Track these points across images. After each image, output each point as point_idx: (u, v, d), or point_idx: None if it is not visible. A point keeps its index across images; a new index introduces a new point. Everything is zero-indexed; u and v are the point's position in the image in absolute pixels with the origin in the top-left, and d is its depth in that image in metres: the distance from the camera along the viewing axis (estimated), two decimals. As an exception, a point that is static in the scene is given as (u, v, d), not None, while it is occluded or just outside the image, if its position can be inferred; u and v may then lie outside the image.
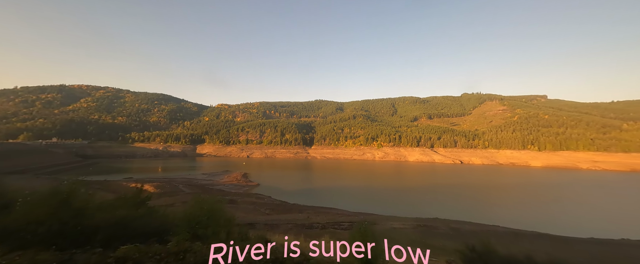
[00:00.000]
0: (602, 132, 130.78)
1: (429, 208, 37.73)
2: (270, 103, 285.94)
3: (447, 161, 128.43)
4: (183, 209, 23.41)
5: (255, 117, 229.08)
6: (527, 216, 33.92)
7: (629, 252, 14.30)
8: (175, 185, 37.91)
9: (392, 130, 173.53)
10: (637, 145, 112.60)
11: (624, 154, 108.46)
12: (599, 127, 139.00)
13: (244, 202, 29.53)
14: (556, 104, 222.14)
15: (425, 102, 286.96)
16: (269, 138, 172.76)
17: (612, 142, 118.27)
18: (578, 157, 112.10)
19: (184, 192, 32.79)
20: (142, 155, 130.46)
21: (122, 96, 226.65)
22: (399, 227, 15.80)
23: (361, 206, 37.27)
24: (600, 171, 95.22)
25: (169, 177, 57.50)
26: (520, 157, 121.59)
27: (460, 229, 16.55)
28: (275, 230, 13.13)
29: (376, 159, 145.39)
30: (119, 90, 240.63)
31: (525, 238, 15.63)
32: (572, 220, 31.92)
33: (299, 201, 39.23)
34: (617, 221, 32.58)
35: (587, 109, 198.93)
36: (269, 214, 24.48)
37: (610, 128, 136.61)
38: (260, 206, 27.82)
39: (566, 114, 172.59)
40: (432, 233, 14.88)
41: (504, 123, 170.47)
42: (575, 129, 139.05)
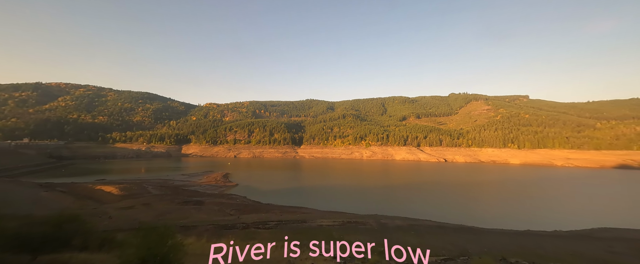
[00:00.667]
0: (576, 131, 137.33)
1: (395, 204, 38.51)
2: (260, 102, 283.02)
3: (432, 160, 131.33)
4: (143, 210, 22.28)
5: (245, 117, 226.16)
6: (482, 211, 35.34)
7: (537, 242, 15.01)
8: (144, 187, 36.77)
9: (381, 129, 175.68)
10: (607, 143, 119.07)
11: (595, 151, 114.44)
12: (575, 126, 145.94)
13: (212, 203, 29.01)
14: (537, 104, 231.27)
15: (414, 102, 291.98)
16: (258, 138, 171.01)
17: (585, 140, 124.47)
18: (554, 154, 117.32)
19: (150, 195, 31.86)
20: (123, 156, 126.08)
21: (104, 95, 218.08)
22: (326, 224, 15.98)
23: (333, 204, 37.51)
24: (573, 167, 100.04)
25: (143, 179, 55.76)
26: (500, 155, 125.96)
27: (387, 224, 16.96)
28: (191, 231, 12.89)
29: (364, 158, 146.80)
30: (101, 88, 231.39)
31: (446, 231, 16.21)
32: (528, 214, 33.44)
33: (275, 201, 39.00)
34: (570, 213, 34.44)
35: (565, 108, 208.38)
36: (232, 214, 24.15)
37: (584, 127, 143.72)
38: (226, 207, 27.40)
39: (545, 114, 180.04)
40: (356, 228, 15.15)
41: (487, 122, 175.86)
42: (552, 128, 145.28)
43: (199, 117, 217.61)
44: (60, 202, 27.00)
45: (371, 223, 16.76)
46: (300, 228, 14.60)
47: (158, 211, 21.97)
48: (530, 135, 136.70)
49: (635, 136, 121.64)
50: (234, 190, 47.65)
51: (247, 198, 39.64)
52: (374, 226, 15.69)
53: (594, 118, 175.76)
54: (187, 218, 19.77)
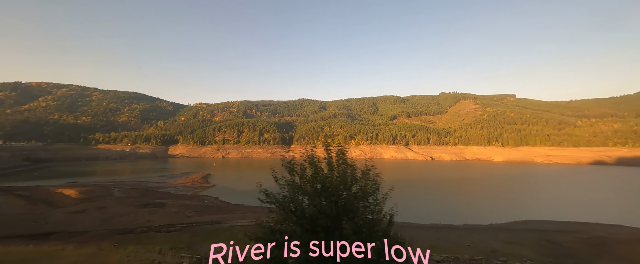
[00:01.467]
0: (557, 129, 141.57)
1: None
2: (252, 102, 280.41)
3: (419, 158, 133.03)
4: (91, 214, 21.55)
5: (235, 117, 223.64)
6: (435, 207, 36.17)
7: (447, 234, 15.38)
8: (109, 190, 35.78)
9: (371, 128, 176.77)
10: (585, 140, 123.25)
11: (574, 148, 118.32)
12: (556, 124, 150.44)
13: (173, 205, 28.49)
14: (522, 102, 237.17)
15: (405, 101, 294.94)
16: (247, 138, 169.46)
17: (565, 137, 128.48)
18: (535, 152, 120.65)
19: (111, 198, 31.03)
20: (106, 157, 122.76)
21: (88, 95, 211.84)
22: (239, 225, 15.93)
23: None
24: (552, 164, 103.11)
25: (117, 181, 54.37)
26: (485, 153, 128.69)
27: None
28: (73, 239, 12.52)
29: (353, 157, 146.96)
30: (85, 88, 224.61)
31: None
32: (479, 209, 34.42)
33: (247, 202, 38.70)
34: (521, 207, 35.83)
35: (548, 107, 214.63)
36: (190, 216, 23.77)
37: (565, 125, 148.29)
38: (187, 209, 26.97)
39: (530, 112, 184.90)
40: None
41: (474, 121, 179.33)
42: (535, 126, 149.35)
43: (188, 118, 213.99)
44: (12, 206, 25.97)
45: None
46: (209, 229, 14.45)
47: (108, 215, 21.38)
48: (513, 133, 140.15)
49: (611, 133, 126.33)
50: (208, 191, 46.98)
51: (218, 199, 39.14)
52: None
53: (575, 116, 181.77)
54: (134, 222, 19.31)
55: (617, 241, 13.35)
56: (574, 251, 11.63)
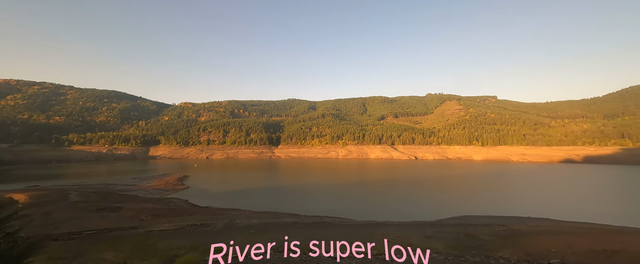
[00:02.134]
0: (533, 129, 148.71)
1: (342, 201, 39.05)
2: (240, 102, 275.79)
3: (404, 157, 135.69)
4: (33, 220, 20.06)
5: (222, 117, 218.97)
6: (396, 204, 37.10)
7: (380, 230, 15.82)
8: (65, 193, 33.85)
9: (358, 129, 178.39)
10: (557, 139, 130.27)
11: (547, 147, 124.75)
12: (532, 125, 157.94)
13: (132, 209, 27.31)
14: (503, 104, 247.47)
15: (393, 101, 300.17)
16: (233, 138, 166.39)
17: (539, 137, 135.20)
18: (511, 151, 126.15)
19: (65, 202, 29.34)
20: (80, 159, 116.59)
21: (63, 93, 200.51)
22: (157, 230, 15.64)
23: (278, 203, 37.29)
24: (526, 162, 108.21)
25: (83, 184, 51.62)
26: (465, 152, 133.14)
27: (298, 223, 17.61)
28: None
29: (340, 157, 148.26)
30: (60, 86, 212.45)
31: (320, 226, 16.93)
32: (433, 206, 35.53)
33: (218, 204, 37.85)
34: (482, 203, 37.41)
35: (526, 108, 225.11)
36: (143, 220, 22.84)
37: (540, 125, 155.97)
38: (145, 212, 25.92)
39: (509, 113, 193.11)
40: (201, 231, 15.39)
41: (457, 121, 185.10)
42: (513, 126, 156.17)
43: (172, 117, 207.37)
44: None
45: (218, 224, 16.78)
46: (118, 236, 13.96)
47: (49, 221, 20.12)
48: (492, 133, 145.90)
49: (581, 132, 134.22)
50: (180, 193, 45.51)
51: (187, 202, 38.02)
52: (221, 228, 15.66)
53: (550, 117, 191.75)
54: (74, 227, 18.26)
55: (526, 233, 14.13)
56: (483, 243, 12.16)
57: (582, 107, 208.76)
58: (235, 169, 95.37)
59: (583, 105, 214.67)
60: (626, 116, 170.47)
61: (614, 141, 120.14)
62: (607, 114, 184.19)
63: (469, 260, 9.60)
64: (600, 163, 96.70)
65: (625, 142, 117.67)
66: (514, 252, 10.49)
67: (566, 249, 10.71)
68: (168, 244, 11.59)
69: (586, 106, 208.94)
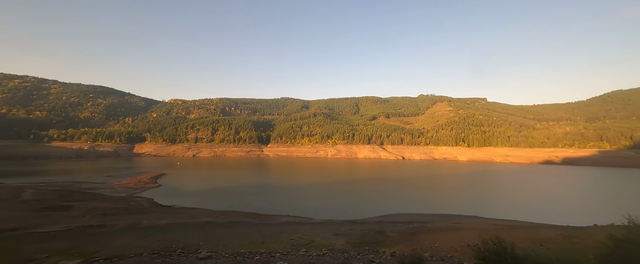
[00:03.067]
0: (518, 131, 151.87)
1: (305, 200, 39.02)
2: (231, 99, 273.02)
3: (391, 157, 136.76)
4: None
5: (212, 114, 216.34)
6: (353, 203, 37.48)
7: (295, 230, 15.90)
8: (18, 191, 32.70)
9: (348, 128, 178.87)
10: (539, 141, 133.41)
11: (529, 149, 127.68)
12: (517, 127, 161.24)
13: (83, 208, 26.61)
14: (492, 106, 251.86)
15: (385, 102, 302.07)
16: (222, 136, 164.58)
17: (522, 139, 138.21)
18: (495, 152, 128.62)
19: (14, 200, 28.37)
20: (59, 156, 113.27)
21: (46, 88, 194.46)
22: (38, 231, 15.45)
23: (236, 203, 37.02)
24: (508, 163, 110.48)
25: (49, 181, 50.16)
26: (451, 153, 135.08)
27: (210, 222, 17.59)
28: None
29: (328, 156, 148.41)
30: (43, 80, 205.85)
31: (255, 226, 17.03)
32: (383, 204, 35.70)
33: (185, 203, 37.35)
34: (432, 202, 38.23)
35: (514, 110, 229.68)
36: (91, 220, 22.25)
37: (525, 127, 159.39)
38: (95, 212, 25.29)
39: (497, 115, 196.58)
40: (92, 232, 15.36)
41: (446, 122, 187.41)
42: (499, 128, 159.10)
43: (160, 114, 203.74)
44: None
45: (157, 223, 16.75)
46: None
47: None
48: (478, 134, 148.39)
49: (562, 135, 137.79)
50: (149, 192, 44.64)
51: (152, 200, 37.35)
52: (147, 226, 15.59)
53: (535, 119, 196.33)
54: (5, 227, 17.60)
55: (434, 230, 14.44)
56: (386, 239, 12.33)
57: (566, 111, 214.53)
58: (220, 167, 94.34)
59: (568, 108, 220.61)
60: (607, 120, 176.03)
61: (593, 144, 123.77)
62: (590, 118, 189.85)
63: (354, 256, 9.67)
64: (578, 165, 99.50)
65: (603, 145, 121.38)
66: (405, 247, 10.65)
67: (445, 244, 10.92)
68: (37, 247, 11.22)
69: (571, 109, 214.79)
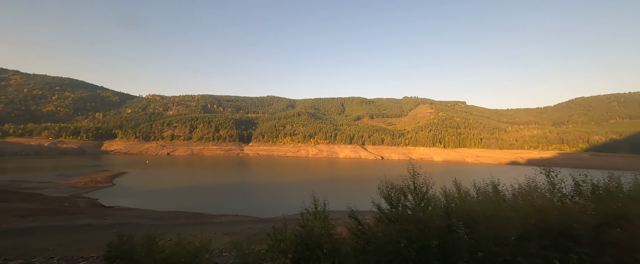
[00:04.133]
0: (490, 133, 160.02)
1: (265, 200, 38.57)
2: (214, 97, 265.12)
3: (371, 157, 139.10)
4: None
5: (193, 111, 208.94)
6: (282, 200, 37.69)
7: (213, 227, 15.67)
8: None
9: (331, 128, 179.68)
10: (508, 143, 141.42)
11: (499, 150, 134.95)
12: (491, 129, 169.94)
13: (12, 209, 24.60)
14: (470, 109, 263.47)
15: (370, 103, 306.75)
16: (200, 134, 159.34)
17: (493, 141, 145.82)
18: (468, 153, 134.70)
19: None
20: (14, 153, 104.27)
21: (5, 78, 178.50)
22: None
23: (187, 203, 35.89)
24: (479, 164, 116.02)
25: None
26: (428, 153, 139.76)
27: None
28: None
29: (310, 155, 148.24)
30: (2, 70, 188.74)
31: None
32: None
33: (132, 204, 35.57)
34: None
35: (489, 114, 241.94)
36: (6, 222, 20.55)
37: (497, 130, 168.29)
38: (14, 213, 23.36)
39: (473, 118, 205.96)
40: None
41: (426, 124, 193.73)
42: (474, 130, 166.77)
43: (135, 110, 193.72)
44: None
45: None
46: None
47: None
48: (454, 136, 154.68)
49: (529, 138, 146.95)
50: (99, 192, 41.98)
51: (96, 201, 35.18)
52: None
53: (508, 123, 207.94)
54: None
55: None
56: (238, 237, 12.40)
57: (536, 115, 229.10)
58: (193, 166, 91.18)
59: (537, 113, 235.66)
60: (570, 124, 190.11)
61: (555, 146, 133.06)
62: (556, 122, 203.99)
63: (224, 254, 9.55)
64: (538, 165, 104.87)
65: (563, 147, 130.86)
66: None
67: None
68: None
69: (539, 114, 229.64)
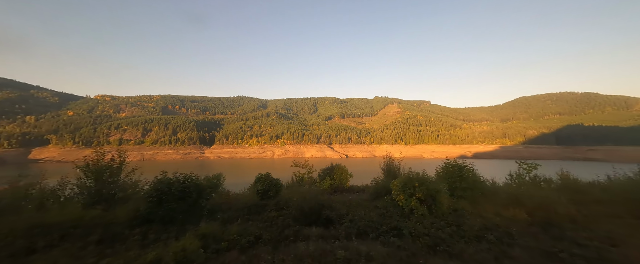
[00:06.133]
0: (446, 130, 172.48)
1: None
2: (177, 97, 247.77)
3: (336, 156, 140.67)
4: None
5: (149, 113, 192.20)
6: None
7: None
8: None
9: (299, 128, 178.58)
10: (460, 139, 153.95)
11: (452, 145, 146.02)
12: (448, 126, 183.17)
13: None
14: (433, 108, 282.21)
15: (343, 103, 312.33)
16: (155, 137, 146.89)
17: (448, 137, 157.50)
18: (426, 148, 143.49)
19: None
20: None
21: None
22: None
23: None
24: (433, 158, 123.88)
25: None
26: (389, 150, 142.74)
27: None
28: None
29: (275, 156, 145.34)
30: None
31: None
32: None
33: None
34: None
35: (449, 112, 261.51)
36: None
37: (453, 127, 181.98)
38: None
39: (434, 116, 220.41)
40: None
41: (392, 122, 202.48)
42: (433, 127, 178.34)
43: (79, 112, 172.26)
44: None
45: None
46: None
47: None
48: (414, 133, 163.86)
49: (478, 133, 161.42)
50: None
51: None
52: None
53: (464, 120, 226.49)
54: None
55: None
56: None
57: (488, 113, 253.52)
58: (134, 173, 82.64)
59: (489, 111, 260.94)
60: (514, 120, 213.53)
61: (498, 140, 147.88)
62: (503, 119, 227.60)
63: None
64: (482, 158, 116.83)
65: (505, 142, 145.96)
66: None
67: None
68: None
69: (491, 112, 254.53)
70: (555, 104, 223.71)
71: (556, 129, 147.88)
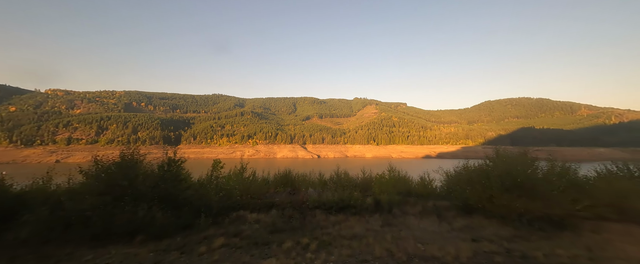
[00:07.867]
0: (417, 131, 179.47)
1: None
2: (143, 93, 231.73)
3: (308, 156, 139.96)
4: None
5: (110, 110, 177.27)
6: None
7: None
8: None
9: (273, 128, 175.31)
10: (428, 140, 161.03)
11: (420, 146, 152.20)
12: (419, 128, 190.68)
13: None
14: (408, 110, 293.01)
15: (322, 103, 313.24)
16: (111, 137, 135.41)
17: (416, 138, 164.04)
18: (396, 149, 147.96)
19: None
20: None
21: None
22: None
23: None
24: (401, 158, 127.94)
25: None
26: (361, 151, 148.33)
27: None
28: None
29: (245, 156, 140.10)
30: None
31: None
32: None
33: None
34: None
35: (422, 114, 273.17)
36: None
37: (423, 128, 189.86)
38: None
39: (408, 118, 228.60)
40: None
41: (367, 123, 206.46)
42: (404, 128, 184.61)
43: (23, 108, 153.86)
44: None
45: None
46: None
47: None
48: (386, 134, 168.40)
49: (445, 134, 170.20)
50: None
51: None
52: None
53: (435, 122, 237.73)
54: None
55: None
56: None
57: (457, 115, 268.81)
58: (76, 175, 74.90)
59: (458, 113, 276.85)
60: (479, 123, 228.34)
61: (462, 141, 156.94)
62: (470, 121, 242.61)
63: None
64: (445, 158, 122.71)
65: (467, 142, 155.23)
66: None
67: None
68: None
69: (459, 114, 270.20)
70: (515, 108, 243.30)
71: (512, 131, 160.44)
